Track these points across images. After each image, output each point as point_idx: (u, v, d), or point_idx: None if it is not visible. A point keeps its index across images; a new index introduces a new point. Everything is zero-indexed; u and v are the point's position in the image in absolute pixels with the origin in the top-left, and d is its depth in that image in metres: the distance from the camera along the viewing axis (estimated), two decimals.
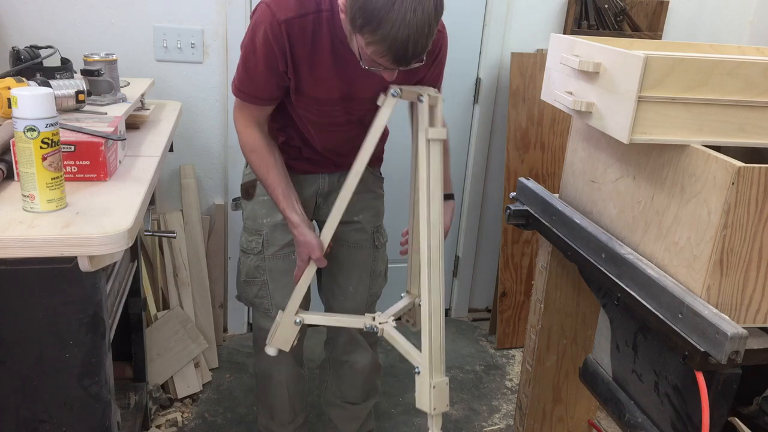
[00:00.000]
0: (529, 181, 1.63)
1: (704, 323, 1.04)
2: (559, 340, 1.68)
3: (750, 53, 1.58)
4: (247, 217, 1.75)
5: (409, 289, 1.81)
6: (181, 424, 2.22)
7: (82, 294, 1.15)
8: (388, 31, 1.22)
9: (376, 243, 1.82)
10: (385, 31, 1.22)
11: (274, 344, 1.70)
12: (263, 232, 1.71)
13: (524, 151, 2.67)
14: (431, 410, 1.51)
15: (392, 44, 1.24)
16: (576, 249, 1.39)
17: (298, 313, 1.66)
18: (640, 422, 1.27)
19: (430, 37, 1.27)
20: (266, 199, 1.69)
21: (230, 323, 2.73)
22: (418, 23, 1.22)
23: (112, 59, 1.78)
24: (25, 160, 1.13)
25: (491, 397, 2.50)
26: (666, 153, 1.20)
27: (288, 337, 1.68)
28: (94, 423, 1.24)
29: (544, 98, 1.48)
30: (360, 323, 1.67)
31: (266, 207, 1.71)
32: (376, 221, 1.82)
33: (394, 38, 1.23)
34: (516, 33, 2.68)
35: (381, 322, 1.65)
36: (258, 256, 1.72)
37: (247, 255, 1.75)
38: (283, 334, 1.68)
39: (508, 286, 2.78)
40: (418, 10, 1.21)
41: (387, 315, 1.68)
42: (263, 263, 1.72)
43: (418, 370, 1.52)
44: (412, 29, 1.22)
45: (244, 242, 1.76)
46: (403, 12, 1.20)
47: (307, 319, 1.68)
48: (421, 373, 1.51)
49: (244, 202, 1.76)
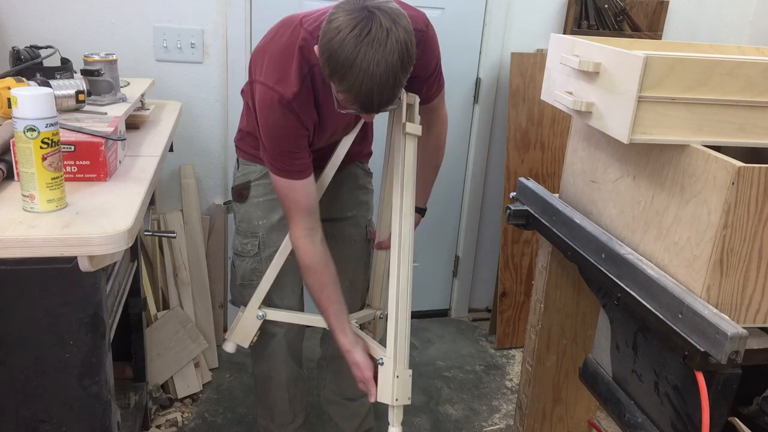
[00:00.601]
0: (529, 181, 1.62)
1: (704, 323, 1.04)
2: (559, 340, 1.68)
3: (750, 53, 1.58)
4: (241, 219, 1.74)
5: (368, 302, 1.83)
6: (181, 424, 2.22)
7: (82, 294, 1.15)
8: (353, 82, 1.24)
9: (368, 236, 1.84)
10: (350, 83, 1.25)
11: (233, 339, 1.70)
12: (259, 234, 1.70)
13: (524, 151, 2.67)
14: (393, 401, 1.51)
15: (357, 95, 1.26)
16: (576, 249, 1.39)
17: (261, 308, 1.66)
18: (640, 422, 1.27)
19: (397, 87, 1.28)
20: (261, 201, 1.69)
21: (230, 323, 2.71)
22: (382, 75, 1.23)
23: (112, 59, 1.78)
24: (25, 160, 1.13)
25: (491, 397, 2.50)
26: (666, 153, 1.20)
27: (249, 332, 1.68)
28: (94, 423, 1.24)
29: (544, 98, 1.48)
30: (323, 323, 1.65)
31: (261, 209, 1.70)
32: (367, 215, 1.85)
33: (359, 90, 1.25)
34: (516, 33, 2.68)
35: None
36: (254, 258, 1.71)
37: (243, 258, 1.73)
38: (244, 329, 1.67)
39: (508, 286, 2.78)
40: (381, 62, 1.22)
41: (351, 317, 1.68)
42: (260, 265, 1.71)
43: (381, 360, 1.52)
44: (376, 81, 1.23)
45: (238, 245, 1.74)
46: (366, 65, 1.21)
47: (270, 315, 1.67)
48: (384, 364, 1.51)
49: (237, 205, 1.75)
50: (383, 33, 1.21)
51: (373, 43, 1.21)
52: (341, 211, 1.76)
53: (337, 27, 1.22)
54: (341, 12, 1.24)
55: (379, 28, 1.21)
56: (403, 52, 1.24)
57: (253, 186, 1.70)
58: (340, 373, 1.92)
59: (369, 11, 1.22)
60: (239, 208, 1.74)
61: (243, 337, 1.69)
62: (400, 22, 1.24)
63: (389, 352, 1.51)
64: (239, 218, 1.75)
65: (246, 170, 1.71)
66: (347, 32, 1.21)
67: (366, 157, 1.84)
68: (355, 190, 1.80)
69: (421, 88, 1.57)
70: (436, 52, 1.55)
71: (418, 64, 1.49)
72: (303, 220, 1.52)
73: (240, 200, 1.73)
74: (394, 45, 1.22)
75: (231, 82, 2.41)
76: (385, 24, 1.22)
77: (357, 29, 1.21)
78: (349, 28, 1.21)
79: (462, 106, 2.76)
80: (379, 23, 1.21)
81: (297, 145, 1.47)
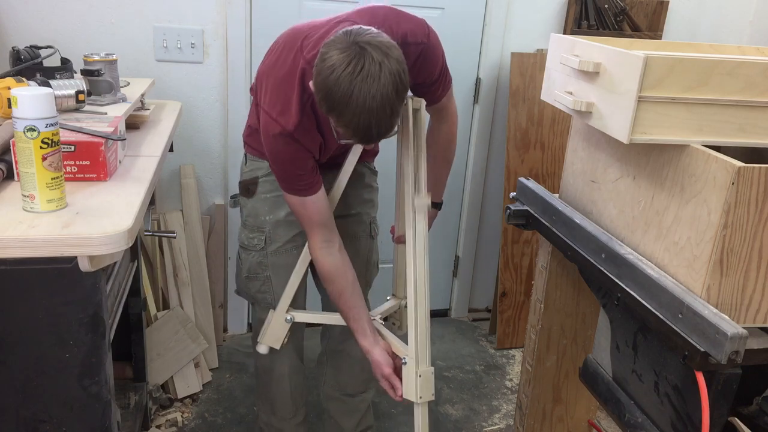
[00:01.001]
0: (529, 181, 1.63)
1: (704, 323, 1.04)
2: (559, 340, 1.68)
3: (750, 53, 1.58)
4: (248, 214, 1.76)
5: (395, 292, 1.87)
6: (181, 424, 2.22)
7: (82, 294, 1.15)
8: (350, 118, 1.27)
9: (372, 234, 1.87)
10: (348, 119, 1.27)
11: (265, 342, 1.76)
12: (266, 229, 1.73)
13: (524, 151, 2.67)
14: (417, 398, 1.55)
15: (356, 129, 1.29)
16: (576, 249, 1.39)
17: (289, 311, 1.72)
18: (640, 422, 1.27)
19: (394, 117, 1.31)
20: (269, 197, 1.71)
21: (230, 323, 2.73)
22: (378, 108, 1.25)
23: (112, 59, 1.78)
24: (25, 160, 1.13)
25: (491, 397, 2.50)
26: (666, 153, 1.20)
27: (279, 335, 1.74)
28: (94, 423, 1.24)
29: (544, 98, 1.48)
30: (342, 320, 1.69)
31: (268, 204, 1.72)
32: (372, 213, 1.87)
33: (357, 124, 1.28)
34: (516, 33, 2.68)
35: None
36: (261, 252, 1.74)
37: (249, 251, 1.76)
38: (274, 332, 1.73)
39: (508, 286, 2.78)
40: (377, 96, 1.24)
41: (374, 313, 1.74)
42: (266, 259, 1.74)
43: (405, 360, 1.56)
44: (374, 115, 1.26)
45: (244, 239, 1.77)
46: (363, 100, 1.24)
47: (298, 317, 1.74)
48: (407, 364, 1.56)
49: (244, 200, 1.77)
50: (376, 67, 1.24)
51: (367, 78, 1.24)
52: (347, 208, 1.79)
53: (331, 66, 1.25)
54: (334, 50, 1.26)
55: (372, 62, 1.24)
56: (397, 83, 1.27)
57: (260, 182, 1.72)
58: (339, 369, 1.95)
59: (360, 47, 1.25)
60: (246, 203, 1.77)
61: (274, 340, 1.76)
62: (392, 54, 1.27)
63: (411, 351, 1.55)
64: (246, 213, 1.77)
65: (254, 166, 1.73)
66: (341, 70, 1.24)
67: (372, 156, 1.86)
68: (361, 189, 1.82)
69: (427, 92, 1.60)
70: (440, 57, 1.57)
71: (422, 73, 1.53)
72: (319, 232, 1.58)
73: (247, 195, 1.76)
74: (387, 78, 1.25)
75: (231, 82, 2.41)
76: (377, 58, 1.25)
77: (351, 66, 1.24)
78: (343, 66, 1.24)
79: (462, 106, 2.75)
80: (371, 58, 1.24)
81: (303, 167, 1.51)
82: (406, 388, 1.57)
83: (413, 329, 1.55)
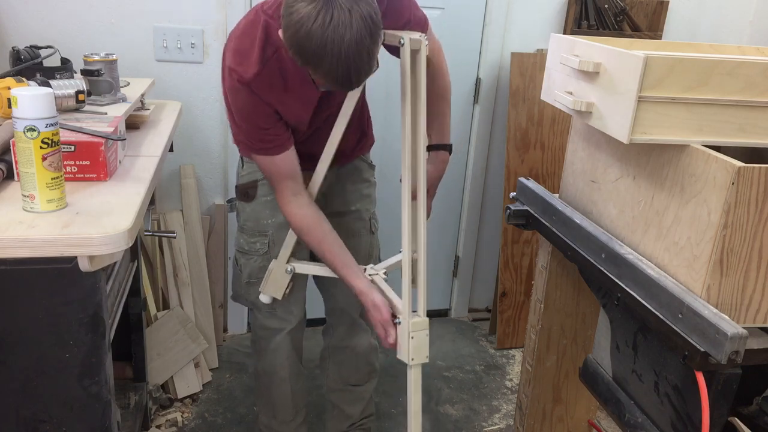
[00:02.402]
0: (529, 181, 1.63)
1: (704, 323, 1.04)
2: (559, 340, 1.68)
3: (750, 53, 1.58)
4: (247, 218, 1.74)
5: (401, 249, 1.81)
6: (181, 424, 2.22)
7: (82, 294, 1.15)
8: (328, 69, 1.25)
9: (371, 229, 1.86)
10: (326, 69, 1.25)
11: (267, 291, 1.72)
12: (269, 233, 1.71)
13: (524, 151, 2.67)
14: (409, 360, 1.50)
15: (335, 78, 1.27)
16: (576, 249, 1.39)
17: (290, 261, 1.68)
18: (640, 422, 1.27)
19: (372, 59, 1.28)
20: (269, 199, 1.70)
21: (230, 323, 2.73)
22: (355, 55, 1.23)
23: (112, 59, 1.78)
24: (25, 160, 1.13)
25: (491, 397, 2.50)
26: (666, 153, 1.20)
27: (281, 284, 1.70)
28: (94, 423, 1.24)
29: (544, 98, 1.48)
30: None
31: (270, 207, 1.71)
32: (371, 208, 1.86)
33: (335, 74, 1.25)
34: (516, 33, 2.68)
35: (371, 274, 1.63)
36: (264, 256, 1.72)
37: (250, 256, 1.74)
38: (276, 282, 1.70)
39: (508, 286, 2.78)
40: (351, 43, 1.22)
41: (380, 267, 1.67)
42: (270, 263, 1.72)
43: (399, 320, 1.51)
44: (351, 62, 1.24)
45: (244, 244, 1.75)
46: (338, 50, 1.21)
47: (299, 268, 1.70)
48: (401, 323, 1.51)
49: (242, 204, 1.75)
50: (346, 15, 1.21)
51: (338, 27, 1.20)
52: (345, 204, 1.78)
53: (300, 20, 1.22)
54: (300, 2, 1.23)
55: (341, 10, 1.21)
56: (370, 26, 1.23)
57: (260, 185, 1.71)
58: (342, 363, 1.95)
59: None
60: (244, 207, 1.74)
61: (275, 290, 1.71)
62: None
63: (405, 311, 1.50)
64: (245, 217, 1.75)
65: (251, 168, 1.72)
66: (311, 23, 1.21)
67: (368, 148, 1.84)
68: (359, 184, 1.82)
69: None
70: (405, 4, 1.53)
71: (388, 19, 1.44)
72: (287, 186, 1.56)
73: (246, 199, 1.73)
74: (359, 23, 1.22)
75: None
76: (345, 5, 1.21)
77: (320, 17, 1.20)
78: (312, 17, 1.21)
79: (462, 106, 2.75)
80: (339, 6, 1.21)
81: (267, 121, 1.49)
82: (400, 348, 1.52)
83: (407, 285, 1.50)
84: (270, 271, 1.70)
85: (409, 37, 1.41)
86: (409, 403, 1.55)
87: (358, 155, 1.81)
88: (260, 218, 1.72)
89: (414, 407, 1.54)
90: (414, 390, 1.54)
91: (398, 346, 1.53)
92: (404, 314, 1.50)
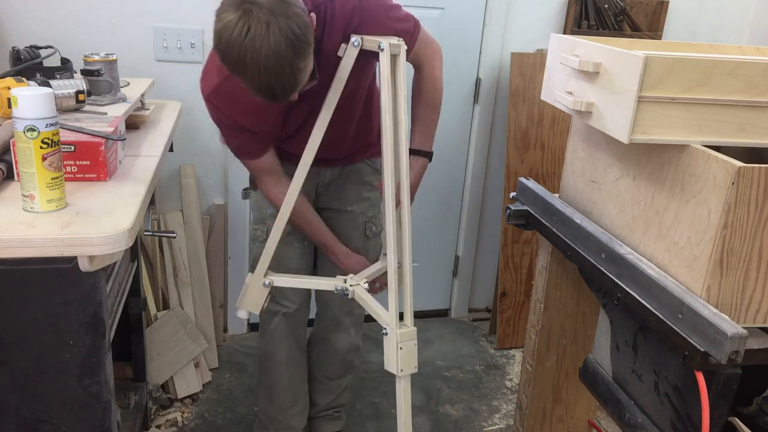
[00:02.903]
0: (529, 181, 1.62)
1: (704, 323, 1.04)
2: (559, 340, 1.68)
3: (750, 53, 1.58)
4: (253, 207, 1.84)
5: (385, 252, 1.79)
6: (181, 424, 2.22)
7: (82, 294, 1.15)
8: (250, 79, 1.26)
9: (367, 233, 1.87)
10: (248, 80, 1.27)
11: (244, 306, 1.70)
12: (267, 223, 1.77)
13: (524, 151, 2.67)
14: (398, 372, 1.49)
15: (259, 90, 1.28)
16: (576, 249, 1.39)
17: (268, 275, 1.65)
18: (640, 422, 1.27)
19: (297, 73, 1.28)
20: None
21: (230, 323, 2.73)
22: (275, 68, 1.23)
23: (112, 59, 1.78)
24: (25, 160, 1.13)
25: (491, 397, 2.50)
26: (666, 153, 1.20)
27: (257, 299, 1.68)
28: (94, 423, 1.24)
29: (544, 98, 1.48)
30: (331, 285, 1.64)
31: None
32: (369, 212, 1.87)
33: (258, 85, 1.27)
34: (516, 33, 2.68)
35: (352, 285, 1.62)
36: (263, 243, 1.75)
37: (255, 242, 1.82)
38: (253, 297, 1.67)
39: (508, 286, 2.78)
40: (270, 57, 1.22)
41: (360, 277, 1.66)
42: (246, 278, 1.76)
43: (386, 331, 1.50)
44: (271, 74, 1.24)
45: (252, 230, 1.84)
46: (257, 62, 1.22)
47: (277, 281, 1.66)
48: (388, 335, 1.49)
49: (252, 192, 1.84)
50: (262, 27, 1.20)
51: (255, 39, 1.20)
52: (342, 203, 1.80)
53: (223, 28, 1.23)
54: (226, 10, 1.24)
55: (258, 23, 1.20)
56: (291, 39, 1.22)
57: None
58: (321, 355, 2.01)
59: (247, 7, 1.21)
60: (252, 195, 1.84)
61: (252, 305, 1.68)
62: (280, 10, 1.22)
63: (391, 320, 1.49)
64: (252, 205, 1.85)
65: None
66: (231, 33, 1.22)
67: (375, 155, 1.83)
68: (359, 185, 1.83)
69: None
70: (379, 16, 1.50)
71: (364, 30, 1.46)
72: (268, 177, 1.67)
73: (254, 188, 1.82)
74: (278, 36, 1.21)
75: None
76: (263, 18, 1.21)
77: (238, 28, 1.21)
78: (231, 28, 1.21)
79: (462, 106, 2.76)
80: (257, 19, 1.20)
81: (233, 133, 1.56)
82: (387, 359, 1.51)
83: (393, 294, 1.49)
84: (246, 285, 1.67)
85: (389, 42, 1.43)
86: (399, 414, 1.53)
87: (363, 158, 1.82)
88: (261, 207, 1.80)
89: (404, 418, 1.53)
90: (404, 401, 1.52)
91: (386, 356, 1.51)
92: (391, 324, 1.49)
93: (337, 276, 1.66)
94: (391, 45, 1.44)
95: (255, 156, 1.61)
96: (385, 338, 1.51)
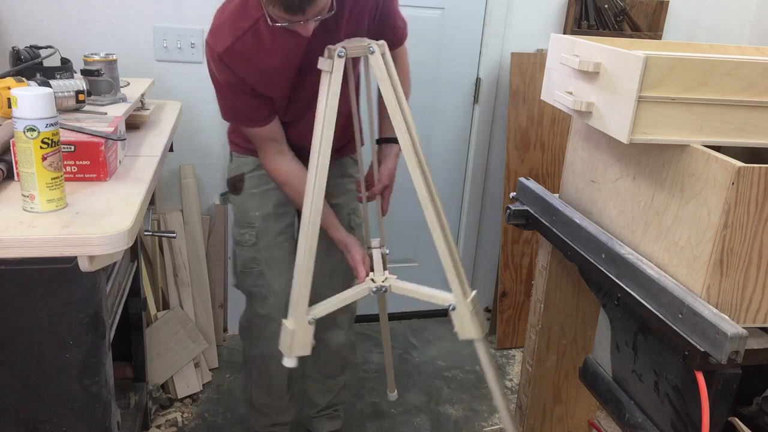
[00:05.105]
0: (529, 181, 1.63)
1: (704, 323, 1.04)
2: (559, 340, 1.68)
3: (750, 53, 1.58)
4: (237, 210, 1.81)
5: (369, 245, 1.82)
6: (181, 424, 2.22)
7: (82, 294, 1.15)
8: None
9: (351, 224, 1.88)
10: None
11: (295, 353, 1.59)
12: (255, 225, 1.76)
13: (524, 151, 2.67)
14: (481, 335, 1.57)
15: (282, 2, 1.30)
16: (576, 249, 1.39)
17: (309, 312, 1.57)
18: (640, 422, 1.27)
19: None
20: (256, 192, 1.76)
21: (230, 323, 2.73)
22: None
23: (112, 59, 1.78)
24: (25, 160, 1.13)
25: (491, 397, 2.48)
26: (666, 153, 1.20)
27: (306, 339, 1.59)
28: (94, 423, 1.24)
29: (544, 98, 1.48)
30: (366, 291, 1.62)
31: (256, 199, 1.76)
32: (351, 204, 1.90)
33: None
34: (516, 33, 2.68)
35: (382, 280, 1.63)
36: (253, 247, 1.77)
37: (242, 247, 1.80)
38: (302, 339, 1.59)
39: (508, 286, 2.78)
40: None
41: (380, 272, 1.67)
42: (259, 254, 1.78)
43: (453, 306, 1.56)
44: None
45: (236, 235, 1.82)
46: None
47: (318, 313, 1.59)
48: (457, 308, 1.55)
49: (233, 197, 1.82)
50: None
51: None
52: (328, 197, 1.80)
53: None
54: None
55: None
56: None
57: (247, 178, 1.76)
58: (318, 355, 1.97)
59: None
60: (235, 200, 1.81)
61: (303, 347, 1.60)
62: None
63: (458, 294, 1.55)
64: (235, 209, 1.82)
65: (239, 162, 1.78)
66: None
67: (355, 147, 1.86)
68: (343, 178, 1.86)
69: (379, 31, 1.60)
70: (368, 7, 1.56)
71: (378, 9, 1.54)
72: (269, 146, 1.65)
73: (235, 192, 1.80)
74: None
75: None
76: None
77: None
78: None
79: (462, 106, 2.76)
80: None
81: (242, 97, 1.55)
82: (463, 329, 1.56)
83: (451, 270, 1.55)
84: (291, 332, 1.57)
85: (375, 44, 1.45)
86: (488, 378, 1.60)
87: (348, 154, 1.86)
88: (248, 210, 1.78)
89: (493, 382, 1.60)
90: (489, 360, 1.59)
91: (459, 328, 1.56)
92: (458, 297, 1.55)
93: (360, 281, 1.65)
94: (379, 45, 1.45)
95: (260, 123, 1.61)
96: (453, 313, 1.56)
